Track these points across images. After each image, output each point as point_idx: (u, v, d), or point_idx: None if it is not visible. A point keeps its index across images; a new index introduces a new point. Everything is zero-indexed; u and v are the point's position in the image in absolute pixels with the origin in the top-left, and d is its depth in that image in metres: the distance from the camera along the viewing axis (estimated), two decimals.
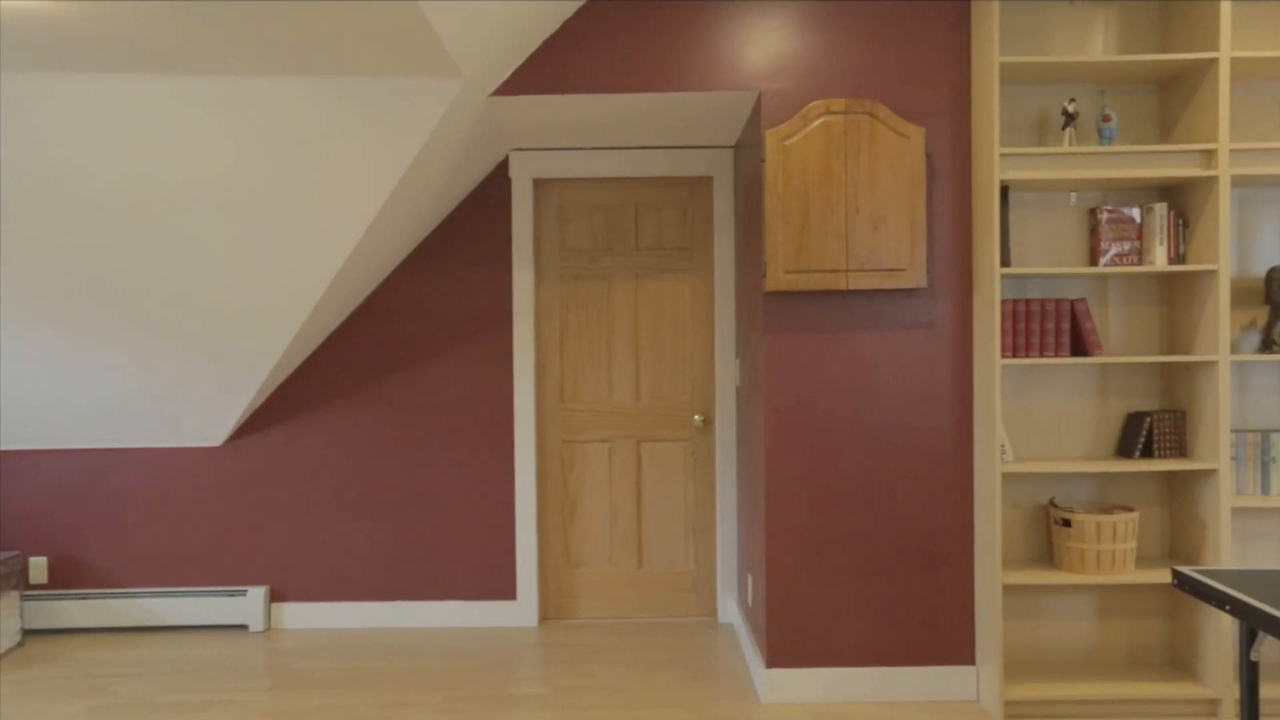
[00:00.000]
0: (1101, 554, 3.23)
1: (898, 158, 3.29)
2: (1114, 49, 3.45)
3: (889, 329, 3.43)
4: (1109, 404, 3.47)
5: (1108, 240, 3.35)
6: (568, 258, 4.44)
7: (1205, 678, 3.25)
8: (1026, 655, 3.48)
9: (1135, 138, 3.47)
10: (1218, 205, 3.18)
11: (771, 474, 3.43)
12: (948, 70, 3.42)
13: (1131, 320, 3.47)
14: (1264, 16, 3.43)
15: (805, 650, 3.44)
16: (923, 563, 3.44)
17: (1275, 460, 3.31)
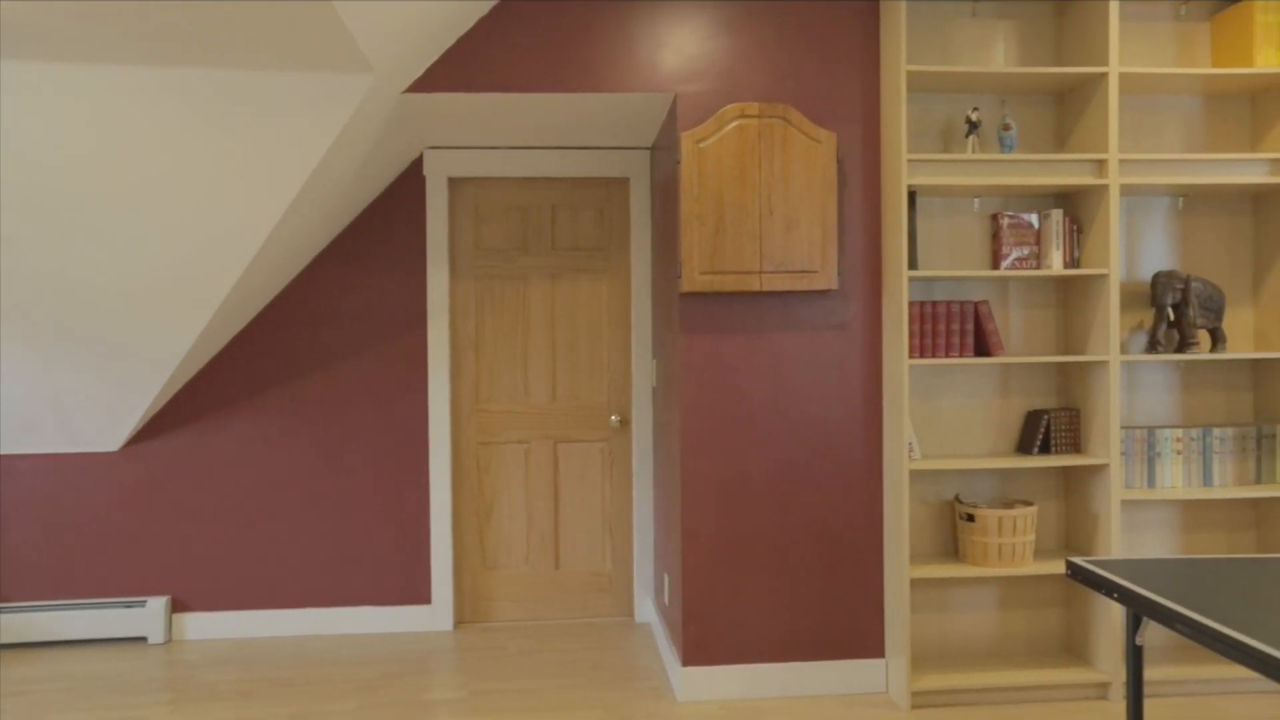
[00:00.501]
0: (1003, 547, 3.35)
1: (810, 162, 3.36)
2: (1014, 61, 3.58)
3: (802, 330, 3.50)
4: (1010, 402, 3.60)
5: (1008, 245, 3.47)
6: (484, 257, 4.40)
7: (1097, 662, 3.41)
8: (933, 646, 3.59)
9: (1033, 146, 3.61)
10: (1108, 212, 3.33)
11: (687, 473, 3.46)
12: (858, 77, 3.50)
13: (1030, 322, 3.61)
14: (1150, 35, 3.61)
15: (721, 647, 3.48)
16: (835, 559, 3.52)
17: (1160, 455, 3.48)
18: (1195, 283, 3.47)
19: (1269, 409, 3.60)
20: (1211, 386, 3.65)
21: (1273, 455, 3.53)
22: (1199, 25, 3.63)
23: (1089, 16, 3.41)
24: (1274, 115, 3.54)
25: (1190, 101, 3.64)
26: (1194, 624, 1.82)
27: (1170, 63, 3.62)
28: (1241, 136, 3.66)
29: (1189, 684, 3.43)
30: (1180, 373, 3.64)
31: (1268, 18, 3.41)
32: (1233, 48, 3.50)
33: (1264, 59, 3.41)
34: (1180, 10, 3.62)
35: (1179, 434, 3.49)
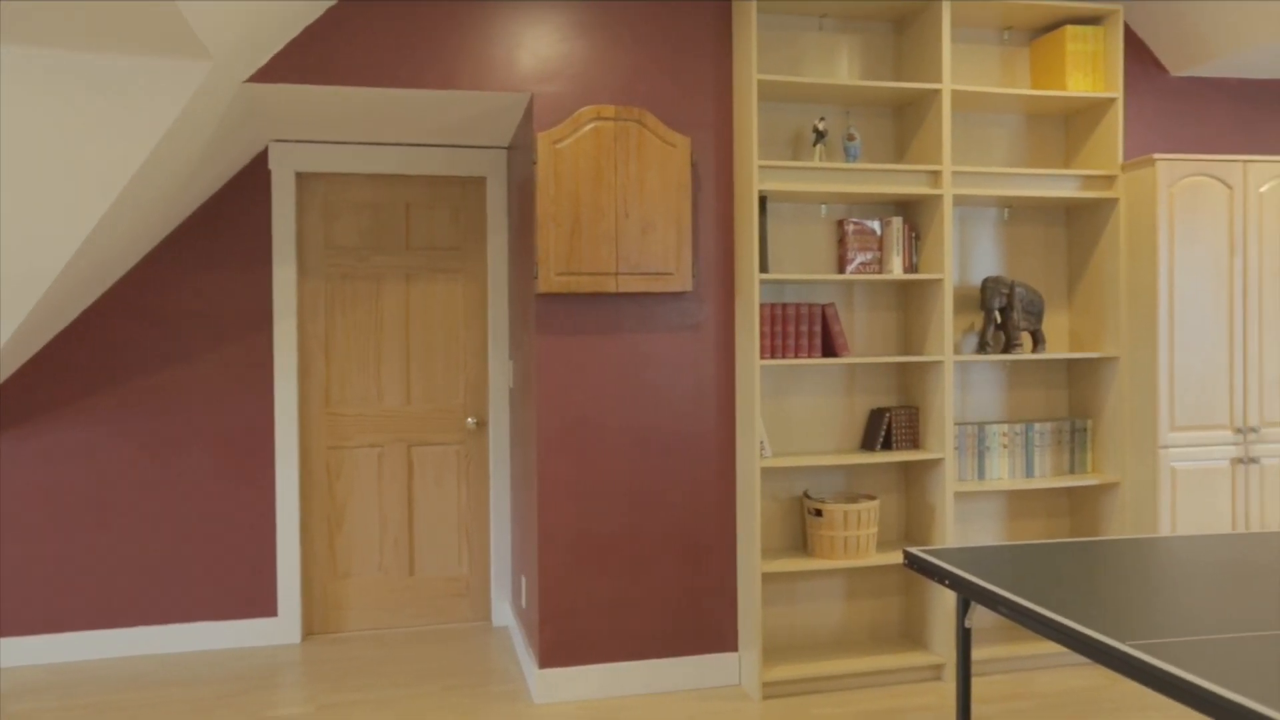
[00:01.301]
0: (848, 540, 3.50)
1: (665, 165, 3.41)
2: (857, 74, 3.75)
3: (657, 331, 3.55)
4: (855, 401, 3.77)
5: (853, 250, 3.63)
6: (334, 256, 4.25)
7: (933, 646, 3.61)
8: (784, 638, 3.71)
9: (876, 156, 3.79)
10: (943, 221, 3.54)
11: (543, 474, 3.45)
12: (712, 84, 3.58)
13: (873, 323, 3.79)
14: (978, 56, 3.86)
15: (577, 648, 3.49)
16: (689, 556, 3.58)
17: (989, 449, 3.73)
18: (1019, 288, 3.73)
19: (1082, 405, 3.90)
20: (1033, 384, 3.94)
21: (1084, 447, 3.83)
22: (1020, 50, 3.91)
23: (924, 36, 3.61)
24: (1084, 135, 3.85)
25: (1014, 119, 3.91)
26: (1013, 605, 1.95)
27: (996, 83, 3.88)
28: (1057, 153, 3.96)
29: (1013, 661, 3.68)
30: (1006, 372, 3.91)
31: (1078, 45, 3.70)
32: (1049, 71, 3.79)
33: (1075, 83, 3.70)
34: (1004, 35, 3.88)
35: (1005, 429, 3.74)
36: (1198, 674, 1.51)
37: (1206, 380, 3.59)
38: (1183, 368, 3.57)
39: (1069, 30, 3.69)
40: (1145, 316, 3.60)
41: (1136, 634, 1.72)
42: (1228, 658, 1.59)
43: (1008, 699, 3.40)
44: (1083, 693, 3.45)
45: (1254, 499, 3.63)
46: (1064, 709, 3.30)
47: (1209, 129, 4.15)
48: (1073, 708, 3.31)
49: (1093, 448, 3.84)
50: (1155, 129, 4.08)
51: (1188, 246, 3.58)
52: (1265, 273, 3.64)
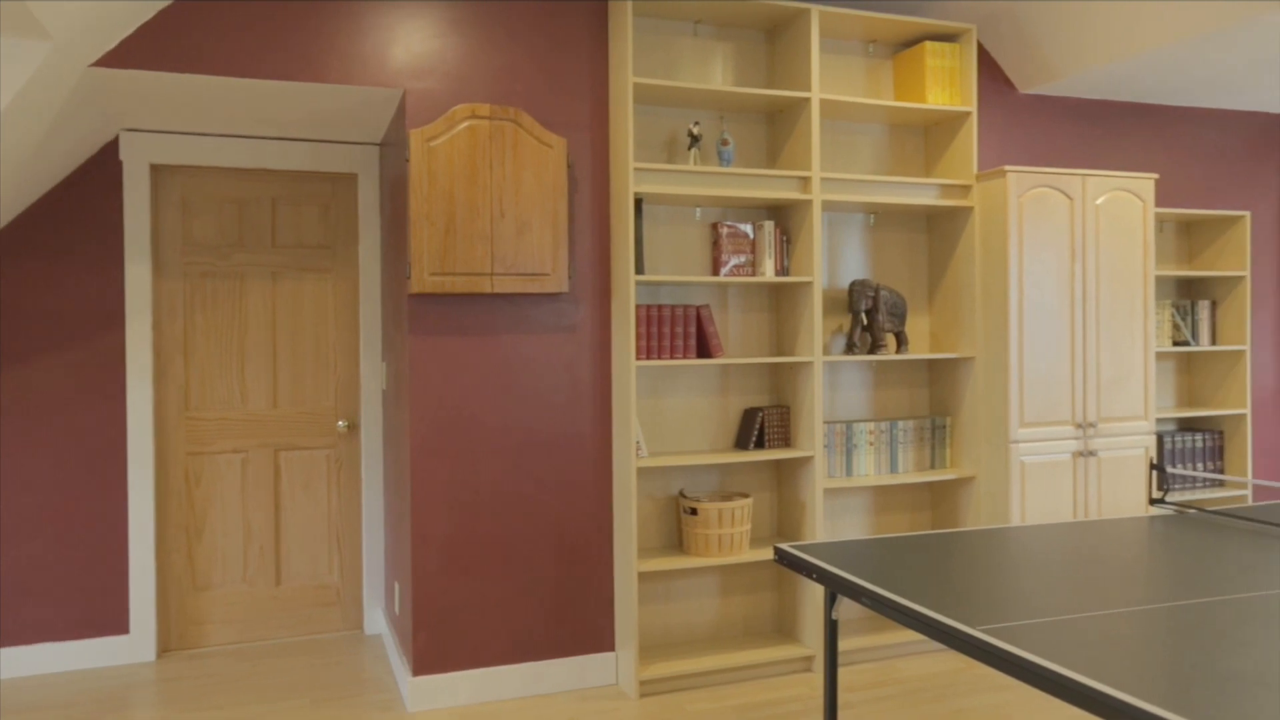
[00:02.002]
0: (723, 537, 3.56)
1: (541, 166, 3.39)
2: (731, 80, 3.83)
3: (534, 332, 3.53)
4: (729, 401, 3.85)
5: (727, 253, 3.71)
6: (193, 253, 4.05)
7: (804, 638, 3.72)
8: (660, 636, 3.75)
9: (749, 161, 3.87)
10: (812, 225, 3.65)
11: (417, 477, 3.38)
12: (588, 86, 3.59)
13: (747, 325, 3.88)
14: (845, 67, 4.00)
15: (453, 654, 3.43)
16: (566, 557, 3.58)
17: (857, 446, 3.87)
18: (884, 291, 3.88)
19: (941, 403, 4.10)
20: (897, 384, 4.11)
21: (944, 443, 4.03)
22: (884, 63, 4.07)
23: (794, 46, 3.72)
24: (942, 146, 4.04)
25: (879, 129, 4.07)
26: (875, 596, 2.03)
27: (862, 93, 4.03)
28: (919, 163, 4.15)
29: (879, 650, 3.82)
30: (872, 372, 4.06)
31: (936, 61, 3.88)
32: (910, 84, 3.96)
33: (933, 97, 3.88)
34: (869, 48, 4.04)
35: (871, 427, 3.89)
36: (1037, 653, 1.60)
37: (1051, 379, 3.83)
38: (1031, 368, 3.79)
39: (928, 46, 3.87)
40: (998, 319, 3.81)
41: (986, 619, 1.82)
42: (1065, 637, 1.69)
43: (874, 686, 3.54)
44: (942, 676, 3.61)
45: (1092, 489, 3.90)
46: (925, 693, 3.46)
47: (1053, 143, 4.43)
48: (933, 691, 3.47)
49: (951, 444, 4.04)
50: (1006, 142, 4.33)
51: (1035, 253, 3.80)
52: (1101, 279, 3.91)
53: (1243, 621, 1.77)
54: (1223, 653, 1.60)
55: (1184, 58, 3.89)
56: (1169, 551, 2.34)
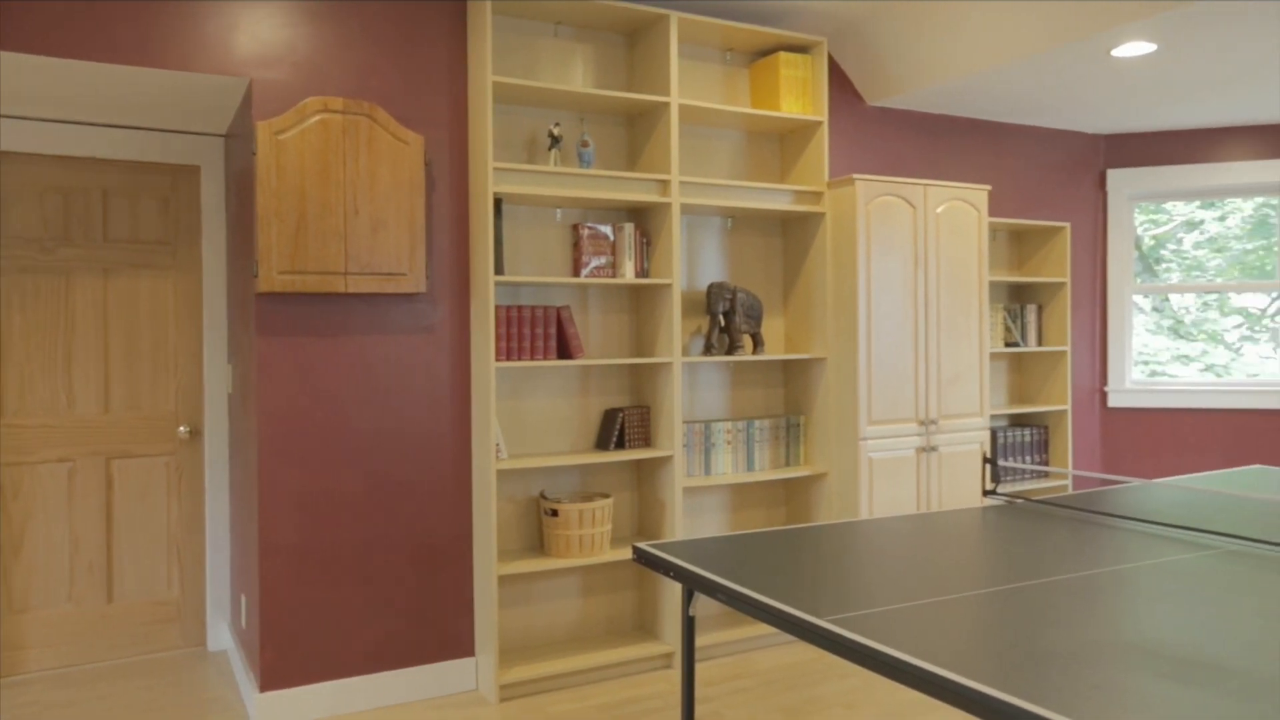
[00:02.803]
0: (583, 538, 3.57)
1: (398, 163, 3.31)
2: (591, 82, 3.84)
3: (390, 333, 3.44)
4: (590, 401, 3.86)
5: (588, 254, 3.72)
6: (12, 247, 3.74)
7: (664, 635, 3.78)
8: (521, 639, 3.73)
9: (609, 164, 3.90)
10: (671, 228, 3.71)
11: (265, 484, 3.24)
12: (446, 83, 3.53)
13: (608, 326, 3.90)
14: (704, 73, 4.09)
15: (303, 667, 3.30)
16: (424, 563, 3.50)
17: (715, 445, 3.95)
18: (741, 293, 3.99)
19: (796, 402, 4.24)
20: (753, 384, 4.22)
21: (798, 441, 4.17)
22: (741, 70, 4.18)
23: (654, 51, 3.77)
24: (796, 153, 4.19)
25: (736, 135, 4.18)
26: (729, 591, 2.09)
27: (719, 100, 4.12)
28: (774, 169, 4.28)
29: (736, 644, 3.92)
30: (730, 372, 4.16)
31: (790, 71, 4.02)
32: (766, 93, 4.08)
33: (787, 105, 4.01)
34: (726, 56, 4.14)
35: (729, 426, 3.99)
36: (877, 639, 1.69)
37: (897, 379, 4.03)
38: (878, 368, 3.98)
39: (782, 56, 4.00)
40: (848, 321, 3.98)
41: (833, 609, 1.90)
42: (903, 623, 1.79)
43: (732, 679, 3.63)
44: (797, 666, 3.74)
45: (934, 482, 4.12)
46: (780, 683, 3.57)
47: (898, 153, 4.66)
48: (787, 681, 3.59)
49: (805, 442, 4.18)
50: (856, 151, 4.52)
51: (882, 258, 3.99)
52: (941, 283, 4.14)
53: (1059, 601, 1.91)
54: (1041, 631, 1.73)
55: (1012, 78, 4.16)
56: (998, 540, 2.50)
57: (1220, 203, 5.48)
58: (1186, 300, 5.62)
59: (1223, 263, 5.56)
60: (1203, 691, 1.42)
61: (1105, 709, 1.36)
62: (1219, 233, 5.58)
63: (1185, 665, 1.54)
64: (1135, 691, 1.43)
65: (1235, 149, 5.25)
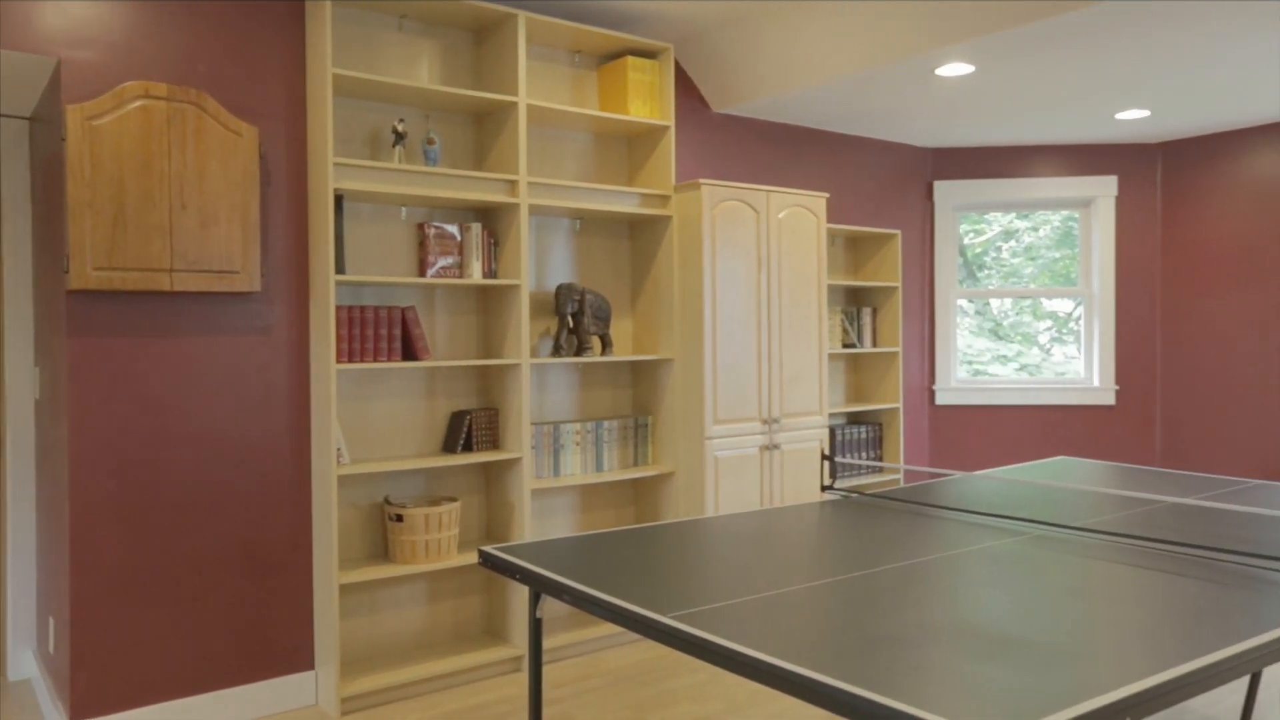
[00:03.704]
0: (429, 543, 3.50)
1: (229, 155, 3.15)
2: (437, 79, 3.77)
3: (222, 334, 3.26)
4: (436, 404, 3.78)
5: (434, 254, 3.64)
6: None
7: (514, 639, 3.74)
8: (365, 650, 3.61)
9: (456, 162, 3.84)
10: (520, 229, 3.68)
11: (77, 498, 3.00)
12: (282, 73, 3.38)
13: (455, 327, 3.83)
14: (552, 74, 4.08)
15: (123, 692, 3.08)
16: (259, 574, 3.34)
17: (564, 446, 3.95)
18: (589, 295, 4.00)
19: (644, 402, 4.30)
20: (602, 385, 4.25)
21: (646, 441, 4.23)
22: (590, 73, 4.20)
23: (502, 49, 3.74)
24: (644, 157, 4.25)
25: (585, 137, 4.19)
26: (574, 592, 2.09)
27: (568, 101, 4.13)
28: (622, 172, 4.33)
29: (585, 644, 3.94)
30: (579, 373, 4.17)
31: (638, 75, 4.07)
32: (614, 96, 4.12)
33: (635, 109, 4.06)
34: (575, 58, 4.15)
35: (578, 427, 3.99)
36: (717, 634, 1.73)
37: (741, 379, 4.15)
38: (724, 368, 4.08)
39: (630, 61, 4.04)
40: (694, 322, 4.06)
41: (678, 606, 1.93)
42: (744, 616, 1.84)
43: (580, 679, 3.63)
44: (645, 664, 3.79)
45: (776, 479, 4.27)
46: (630, 681, 3.61)
47: (743, 160, 4.80)
48: (637, 679, 3.63)
49: (653, 441, 4.25)
50: (702, 156, 4.63)
51: (727, 261, 4.10)
52: (783, 287, 4.30)
53: (889, 589, 2.02)
54: (871, 617, 1.82)
55: (847, 92, 4.36)
56: (835, 533, 2.61)
57: (1033, 214, 5.93)
58: (1005, 304, 6.05)
59: (1035, 270, 6.02)
60: (1008, 666, 1.53)
61: (924, 688, 1.44)
62: (1032, 242, 6.04)
63: (995, 643, 1.65)
64: (951, 670, 1.52)
65: (1045, 166, 5.69)
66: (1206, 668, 1.55)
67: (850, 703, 1.43)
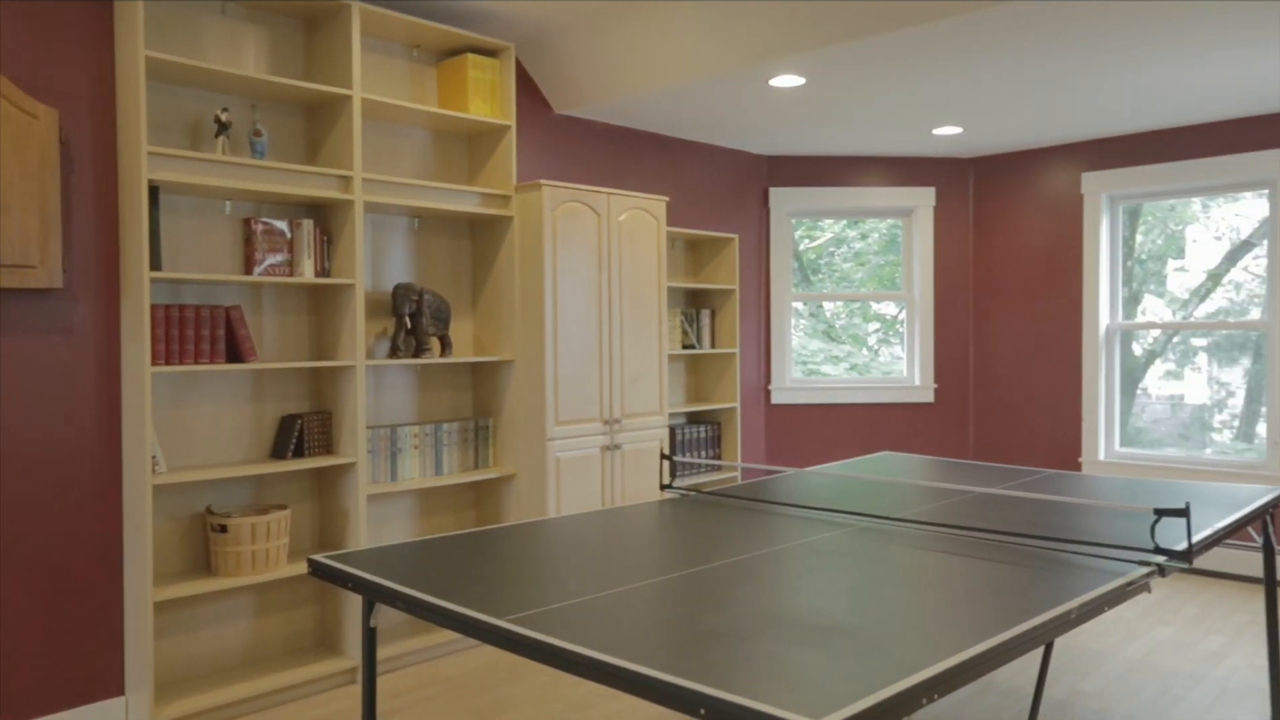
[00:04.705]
0: (256, 554, 3.33)
1: (24, 140, 2.89)
2: (264, 68, 3.59)
3: (15, 333, 2.99)
4: (265, 408, 3.61)
5: (262, 251, 3.47)
6: None
7: (348, 650, 3.62)
8: (184, 670, 3.40)
9: (286, 155, 3.67)
10: (355, 226, 3.57)
11: None
12: (89, 53, 3.13)
13: (284, 328, 3.67)
14: (390, 68, 3.97)
15: None
16: (62, 594, 3.09)
17: (402, 450, 3.86)
18: (428, 295, 3.92)
19: (485, 404, 4.25)
20: (442, 387, 4.17)
21: (487, 444, 4.18)
22: (429, 69, 4.12)
23: (335, 40, 3.60)
24: (485, 156, 4.20)
25: (424, 134, 4.10)
26: (408, 599, 2.04)
27: (406, 97, 4.03)
28: (463, 171, 4.26)
29: (423, 652, 3.85)
30: (417, 375, 4.08)
31: (478, 73, 4.02)
32: (454, 93, 4.05)
33: (476, 108, 4.01)
34: (413, 53, 4.06)
35: (416, 430, 3.90)
36: (553, 635, 1.73)
37: (583, 380, 4.16)
38: (565, 369, 4.09)
39: (470, 58, 3.99)
40: (535, 323, 4.05)
41: (515, 609, 1.92)
42: (581, 616, 1.85)
43: (418, 688, 3.55)
44: (485, 669, 3.75)
45: (618, 479, 4.31)
46: (469, 687, 3.56)
47: (584, 162, 4.83)
48: (476, 685, 3.58)
49: (494, 444, 4.20)
50: (544, 157, 4.62)
51: (568, 262, 4.11)
52: (624, 288, 4.35)
53: (723, 583, 2.08)
54: (705, 612, 1.87)
55: (685, 99, 4.46)
56: (673, 531, 2.67)
57: (863, 222, 6.25)
58: (837, 307, 6.35)
59: (865, 275, 6.34)
60: (830, 653, 1.61)
61: (752, 678, 1.50)
62: (862, 248, 6.37)
63: (818, 631, 1.73)
64: (778, 659, 1.58)
65: (872, 176, 6.01)
66: (1005, 643, 1.68)
67: (682, 696, 1.46)
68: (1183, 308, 5.46)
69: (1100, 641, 4.02)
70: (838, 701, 1.39)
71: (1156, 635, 4.10)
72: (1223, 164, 5.06)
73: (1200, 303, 5.42)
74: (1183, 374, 5.53)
